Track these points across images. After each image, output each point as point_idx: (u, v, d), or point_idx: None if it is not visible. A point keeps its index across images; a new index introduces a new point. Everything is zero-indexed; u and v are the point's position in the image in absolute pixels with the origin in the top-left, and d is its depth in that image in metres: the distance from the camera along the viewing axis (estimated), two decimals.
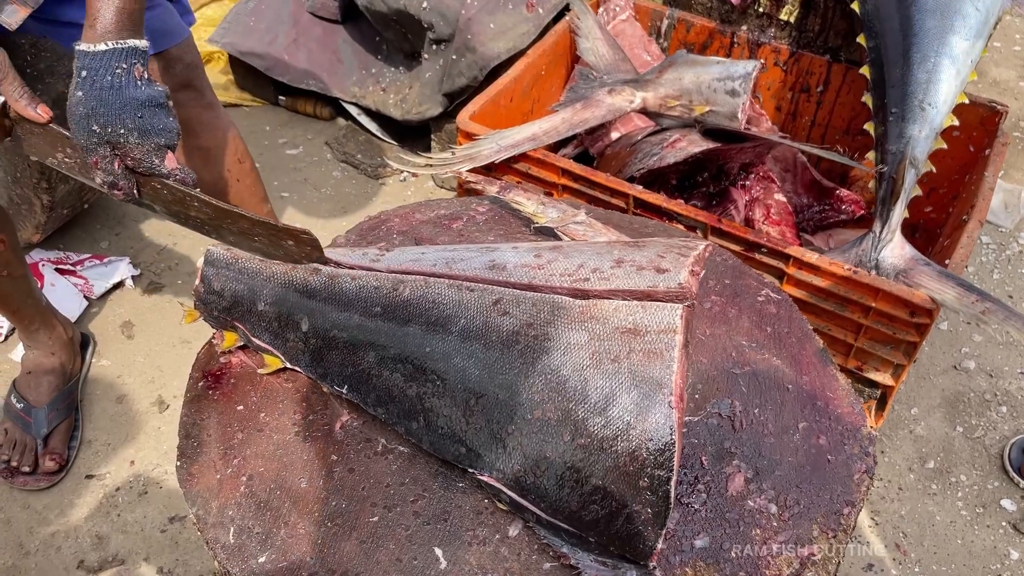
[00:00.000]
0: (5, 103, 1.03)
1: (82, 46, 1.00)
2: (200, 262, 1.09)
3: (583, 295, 1.03)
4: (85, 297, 2.14)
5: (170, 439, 1.84)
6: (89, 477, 1.77)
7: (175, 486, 1.74)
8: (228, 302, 1.09)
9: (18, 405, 1.81)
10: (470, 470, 0.96)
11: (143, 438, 1.85)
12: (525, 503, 0.92)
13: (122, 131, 0.99)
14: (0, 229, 1.56)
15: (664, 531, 0.86)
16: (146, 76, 1.02)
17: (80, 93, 0.99)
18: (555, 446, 0.89)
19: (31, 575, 1.61)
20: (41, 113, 1.01)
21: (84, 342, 2.00)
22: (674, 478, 0.85)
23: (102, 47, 0.99)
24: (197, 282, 1.09)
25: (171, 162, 1.03)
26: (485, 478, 0.94)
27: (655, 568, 0.89)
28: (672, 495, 0.85)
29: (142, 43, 1.02)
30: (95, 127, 0.99)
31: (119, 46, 1.00)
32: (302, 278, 1.07)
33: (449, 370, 0.96)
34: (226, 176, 1.64)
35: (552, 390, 0.91)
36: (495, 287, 1.01)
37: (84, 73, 0.99)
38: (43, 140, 1.06)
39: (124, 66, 0.99)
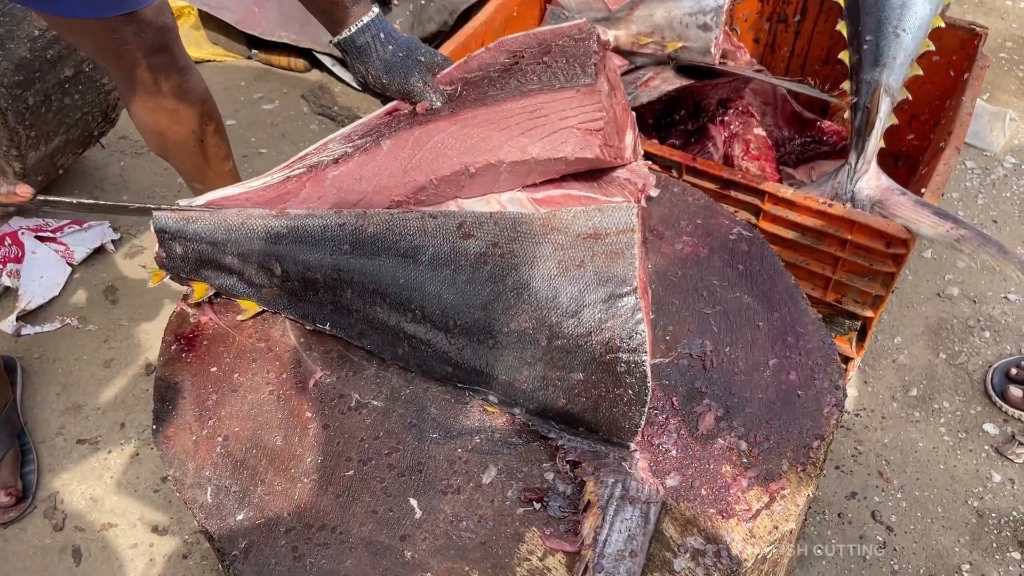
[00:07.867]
0: None
1: None
2: (152, 230, 1.08)
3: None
4: (67, 264, 2.13)
5: None
6: (80, 442, 1.78)
7: None
8: (194, 262, 1.10)
9: None
10: (460, 385, 1.02)
11: (132, 401, 1.86)
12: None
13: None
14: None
15: (646, 409, 0.93)
16: None
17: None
18: (534, 352, 0.95)
19: None
20: (23, 193, 1.00)
21: (10, 366, 1.85)
22: (647, 359, 0.91)
23: None
24: (157, 248, 1.09)
25: None
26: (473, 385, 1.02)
27: (635, 450, 0.95)
28: (649, 374, 0.91)
29: None
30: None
31: None
32: (263, 226, 1.07)
33: (425, 298, 1.00)
34: (191, 136, 1.62)
35: (525, 302, 0.96)
36: (458, 213, 1.04)
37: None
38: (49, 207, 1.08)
39: None
